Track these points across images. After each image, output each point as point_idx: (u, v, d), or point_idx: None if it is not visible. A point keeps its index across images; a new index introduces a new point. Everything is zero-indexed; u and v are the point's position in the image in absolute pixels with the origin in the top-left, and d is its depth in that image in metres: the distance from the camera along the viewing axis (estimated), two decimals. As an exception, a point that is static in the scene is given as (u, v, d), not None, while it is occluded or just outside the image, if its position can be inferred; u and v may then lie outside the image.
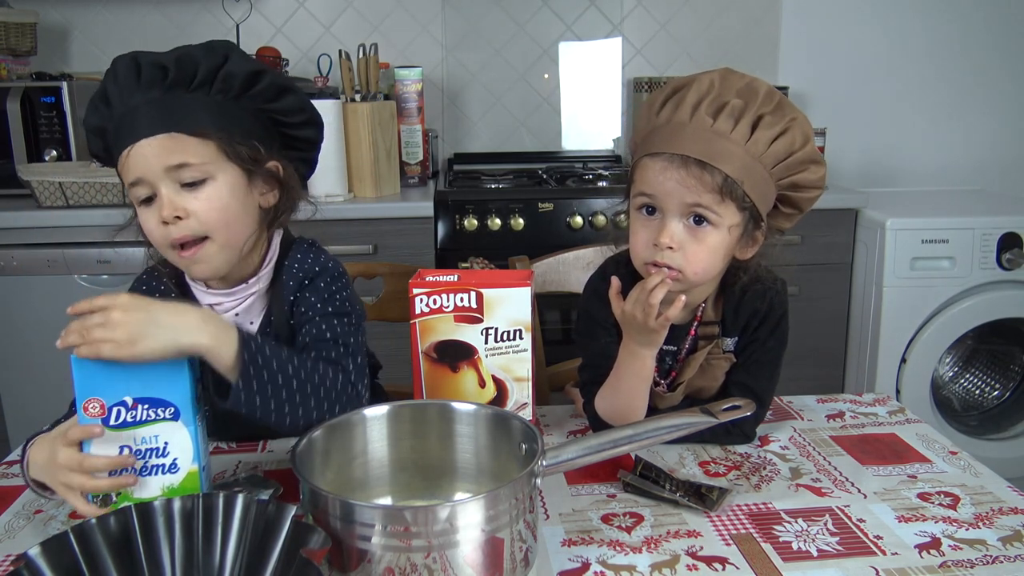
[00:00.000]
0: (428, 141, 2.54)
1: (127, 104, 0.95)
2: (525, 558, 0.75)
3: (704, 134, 0.97)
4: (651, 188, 1.00)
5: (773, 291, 1.09)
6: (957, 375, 2.54)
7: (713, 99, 0.99)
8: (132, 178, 0.96)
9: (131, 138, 0.94)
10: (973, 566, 0.80)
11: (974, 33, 2.83)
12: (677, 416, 0.88)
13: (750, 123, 0.98)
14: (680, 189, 0.97)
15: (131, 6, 2.66)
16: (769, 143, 0.98)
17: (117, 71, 0.96)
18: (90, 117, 0.99)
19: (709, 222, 0.98)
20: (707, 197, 0.97)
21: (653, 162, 1.00)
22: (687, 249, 0.99)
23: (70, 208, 2.14)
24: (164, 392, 0.81)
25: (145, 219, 0.98)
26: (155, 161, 0.94)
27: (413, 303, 1.01)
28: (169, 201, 0.95)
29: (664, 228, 0.99)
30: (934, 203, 2.54)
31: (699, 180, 0.96)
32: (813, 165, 1.02)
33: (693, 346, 1.10)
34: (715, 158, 0.96)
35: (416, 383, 1.04)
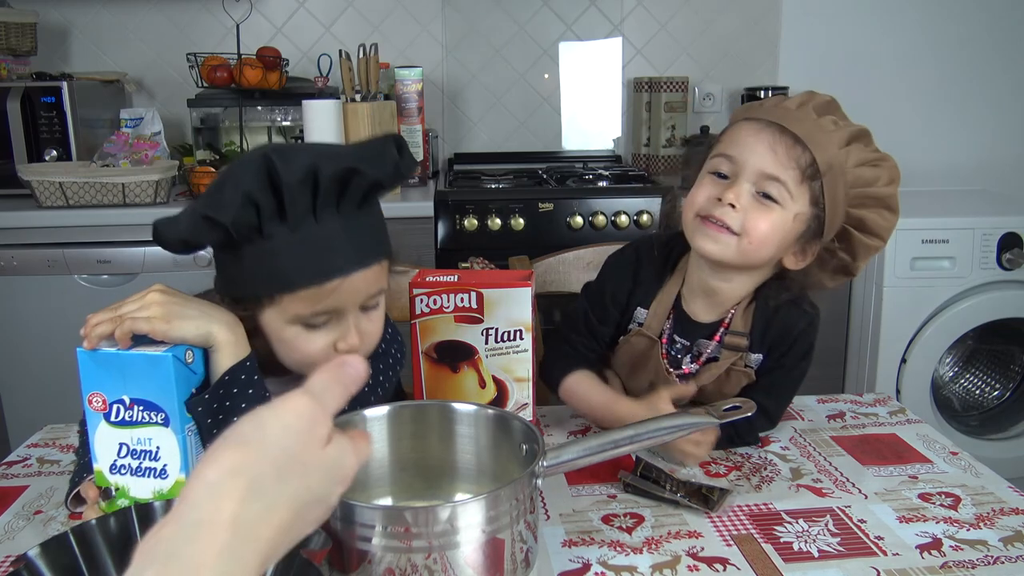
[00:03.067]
0: (428, 141, 2.54)
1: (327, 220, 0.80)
2: (526, 559, 0.75)
3: (805, 119, 0.98)
4: (734, 147, 0.99)
5: (809, 317, 1.07)
6: (957, 375, 2.54)
7: (820, 105, 1.00)
8: (326, 308, 0.84)
9: (342, 269, 0.82)
10: (974, 566, 0.80)
11: (974, 33, 2.83)
12: (678, 416, 0.88)
13: (848, 136, 0.99)
14: (768, 153, 0.97)
15: (131, 6, 2.65)
16: (859, 163, 0.98)
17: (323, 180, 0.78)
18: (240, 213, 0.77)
19: (777, 200, 0.97)
20: (789, 171, 0.96)
21: (749, 124, 1.00)
22: (750, 214, 0.98)
23: (70, 208, 2.14)
24: (156, 397, 0.80)
25: (306, 343, 0.87)
26: (362, 292, 0.86)
27: (413, 303, 1.01)
28: (355, 331, 0.87)
29: (733, 187, 0.98)
30: (934, 203, 2.54)
31: (788, 150, 0.96)
32: (888, 211, 1.02)
33: (715, 353, 1.08)
34: (810, 140, 0.96)
35: (416, 383, 1.04)
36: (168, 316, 0.80)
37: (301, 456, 0.46)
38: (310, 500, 0.47)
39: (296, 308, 0.84)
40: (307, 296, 0.83)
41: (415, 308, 1.01)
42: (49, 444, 1.12)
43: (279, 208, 0.79)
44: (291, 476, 0.45)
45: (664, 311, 1.09)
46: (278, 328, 0.87)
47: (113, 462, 0.83)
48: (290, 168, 0.76)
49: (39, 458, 1.08)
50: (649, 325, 1.10)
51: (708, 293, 1.07)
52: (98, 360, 0.80)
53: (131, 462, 0.83)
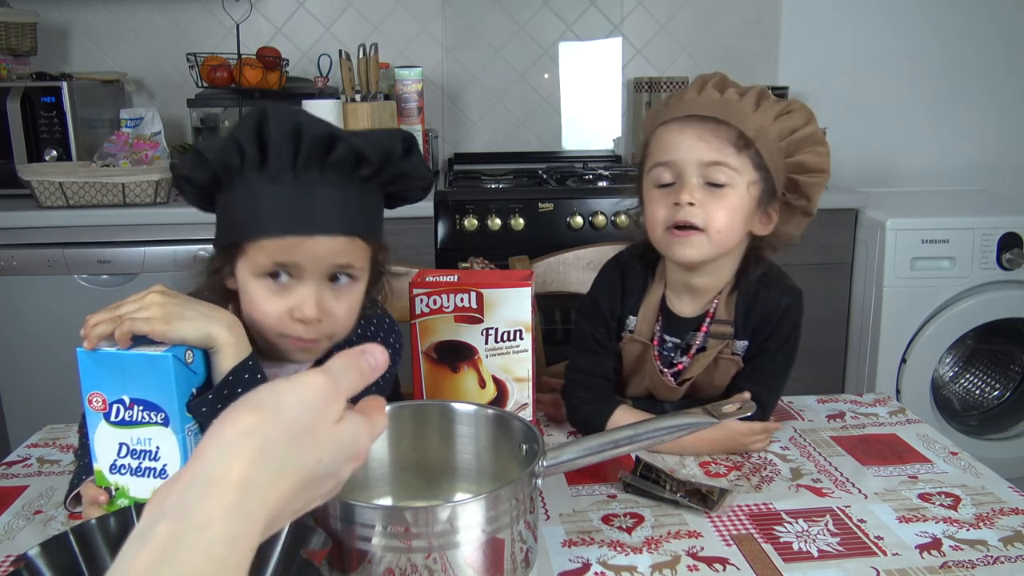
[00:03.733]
0: (428, 141, 2.54)
1: (306, 180, 0.84)
2: (526, 559, 0.75)
3: (715, 101, 1.02)
4: (668, 152, 1.02)
5: (789, 298, 1.08)
6: (957, 375, 2.54)
7: (717, 81, 1.04)
8: (283, 261, 0.87)
9: (308, 228, 0.85)
10: (974, 566, 0.80)
11: (974, 33, 2.83)
12: (678, 416, 0.88)
13: (755, 99, 1.02)
14: (698, 144, 1.00)
15: (131, 6, 2.65)
16: (775, 117, 1.01)
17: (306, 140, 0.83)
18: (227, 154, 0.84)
19: (726, 183, 1.00)
20: (725, 150, 1.00)
21: (667, 127, 1.03)
22: (708, 206, 1.01)
23: (70, 208, 2.14)
24: (156, 397, 0.80)
25: (265, 299, 0.89)
26: (325, 259, 0.88)
27: (413, 303, 1.01)
28: (318, 303, 0.89)
29: (683, 188, 1.01)
30: (934, 203, 2.54)
31: (714, 134, 1.00)
32: (818, 146, 1.04)
33: (703, 344, 1.09)
34: (729, 116, 1.00)
35: (416, 383, 1.04)
36: (168, 317, 0.80)
37: (313, 428, 0.47)
38: (320, 472, 0.48)
39: (259, 257, 0.87)
40: (269, 246, 0.86)
41: (415, 308, 1.01)
42: (49, 444, 1.12)
43: (262, 158, 0.83)
44: (302, 445, 0.46)
45: (652, 315, 1.11)
46: (245, 281, 0.90)
47: (113, 462, 0.83)
48: (279, 122, 0.82)
49: (39, 458, 1.08)
50: (640, 331, 1.11)
51: (690, 290, 1.10)
52: (98, 360, 0.80)
53: (131, 462, 0.83)
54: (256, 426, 0.45)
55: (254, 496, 0.43)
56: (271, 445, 0.45)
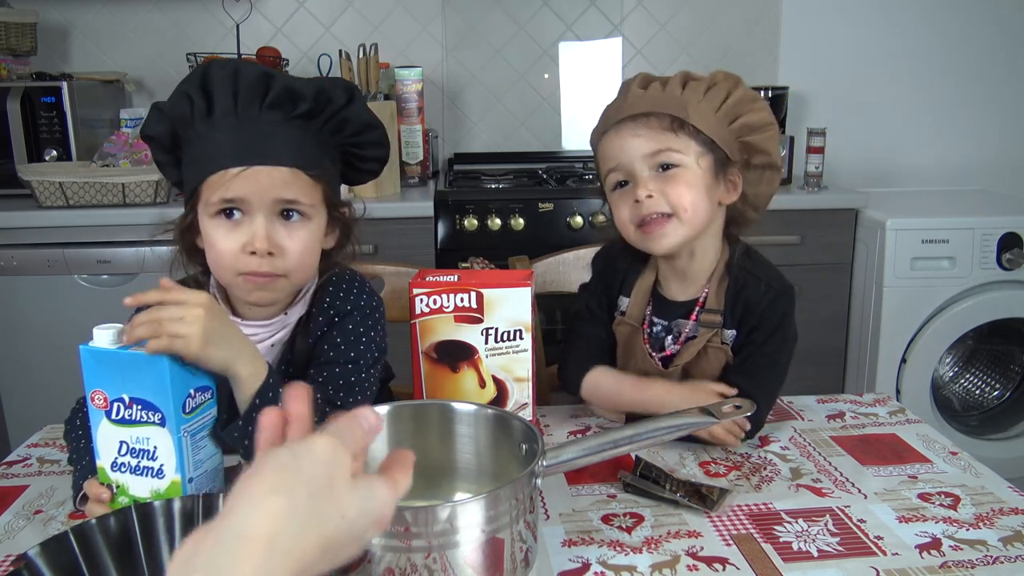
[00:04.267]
0: (428, 141, 2.54)
1: (248, 119, 0.91)
2: (525, 558, 0.75)
3: (641, 98, 1.07)
4: (613, 158, 1.08)
5: (776, 291, 1.09)
6: (957, 375, 2.54)
7: (640, 80, 1.10)
8: (230, 195, 0.92)
9: (249, 159, 0.91)
10: (974, 566, 0.80)
11: (974, 33, 2.83)
12: (677, 416, 0.88)
13: (679, 83, 1.07)
14: (636, 141, 1.05)
15: (131, 6, 2.66)
16: (703, 92, 1.06)
17: (242, 81, 0.91)
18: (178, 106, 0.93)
19: (675, 164, 1.05)
20: (662, 137, 1.04)
21: (606, 135, 1.09)
22: (666, 190, 1.05)
23: (70, 208, 2.14)
24: (153, 396, 0.80)
25: (220, 237, 0.94)
26: (268, 191, 0.92)
27: (413, 303, 1.01)
28: (268, 236, 0.93)
29: (637, 184, 1.06)
30: (934, 203, 2.54)
31: (647, 126, 1.05)
32: (754, 103, 1.08)
33: (693, 332, 1.11)
34: (656, 106, 1.05)
35: (416, 383, 1.04)
36: (204, 341, 0.80)
37: (331, 481, 0.50)
38: (344, 530, 0.50)
39: (210, 196, 0.93)
40: (216, 182, 0.91)
41: (415, 308, 1.01)
42: (49, 444, 1.12)
43: (208, 105, 0.91)
44: (324, 500, 0.49)
45: (643, 298, 1.15)
46: (204, 226, 0.95)
47: (114, 460, 0.84)
48: (219, 69, 0.91)
49: (39, 458, 1.08)
50: (631, 313, 1.15)
51: (679, 275, 1.13)
52: (99, 358, 0.81)
53: (131, 460, 0.83)
54: (280, 484, 0.48)
55: (280, 553, 0.45)
56: (296, 501, 0.47)
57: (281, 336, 1.03)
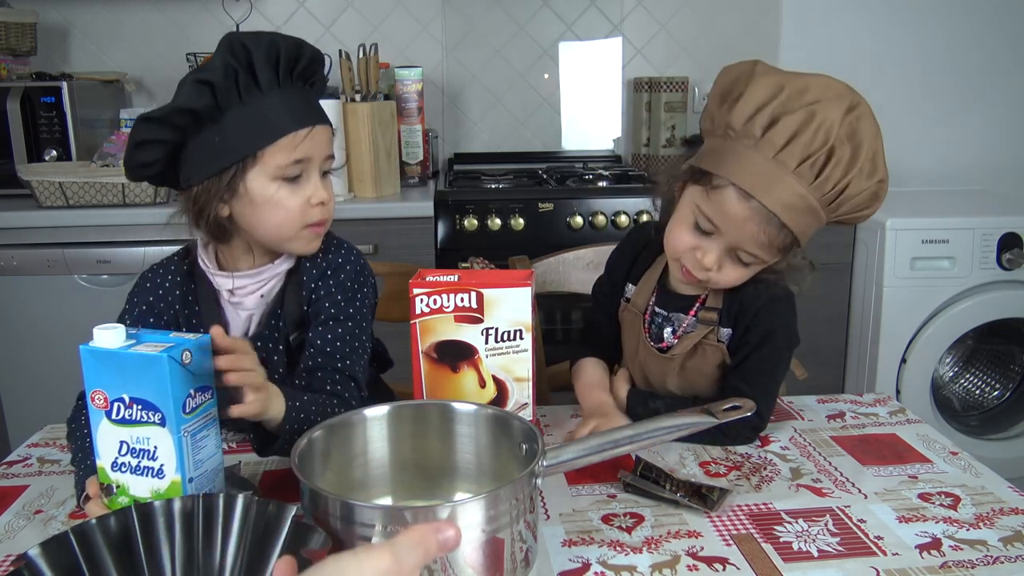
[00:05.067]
0: (428, 141, 2.54)
1: (291, 86, 1.01)
2: (525, 558, 0.75)
3: (791, 189, 0.96)
4: (721, 218, 1.00)
5: (771, 295, 1.08)
6: (957, 375, 2.54)
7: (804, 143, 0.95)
8: (299, 156, 1.02)
9: (312, 120, 1.02)
10: (974, 566, 0.80)
11: (974, 33, 2.83)
12: (677, 416, 0.88)
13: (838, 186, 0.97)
14: (750, 238, 1.00)
15: (131, 6, 2.66)
16: (851, 199, 0.98)
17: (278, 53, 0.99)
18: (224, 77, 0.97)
19: (751, 263, 1.04)
20: (768, 251, 1.01)
21: (740, 203, 0.98)
22: (724, 269, 1.05)
23: (70, 208, 2.14)
24: (153, 396, 0.80)
25: (286, 196, 1.03)
26: (324, 148, 1.05)
27: (413, 303, 1.01)
28: (324, 186, 1.06)
29: (710, 253, 1.04)
30: (934, 203, 2.54)
31: (771, 239, 0.99)
32: (868, 210, 1.02)
33: (691, 328, 1.13)
34: (794, 220, 0.98)
35: (416, 383, 1.04)
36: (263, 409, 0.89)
37: None
38: None
39: (276, 160, 1.01)
40: (285, 145, 1.00)
41: (415, 308, 1.01)
42: (49, 444, 1.12)
43: (251, 76, 0.98)
44: None
45: (649, 288, 1.16)
46: (262, 188, 1.02)
47: (114, 459, 0.84)
48: (256, 43, 0.98)
49: (39, 458, 1.08)
50: (635, 301, 1.17)
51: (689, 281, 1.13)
52: (99, 358, 0.80)
53: (131, 460, 0.83)
54: None
55: None
56: None
57: (271, 287, 1.09)
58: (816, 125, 0.95)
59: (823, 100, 0.97)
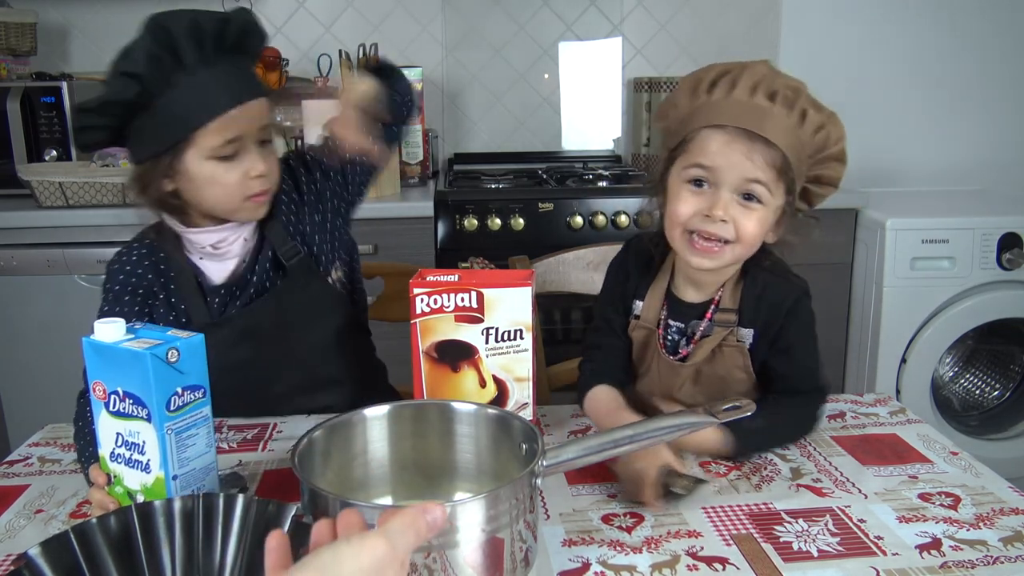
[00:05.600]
0: (428, 141, 2.54)
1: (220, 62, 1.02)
2: (525, 558, 0.75)
3: (764, 113, 0.99)
4: (712, 159, 1.00)
5: (798, 291, 1.08)
6: (957, 375, 2.54)
7: (768, 85, 1.01)
8: (232, 135, 1.04)
9: (242, 96, 1.04)
10: (974, 566, 0.80)
11: (974, 33, 2.83)
12: (678, 416, 0.88)
13: (800, 111, 1.01)
14: (744, 163, 0.99)
15: (131, 6, 2.64)
16: (813, 132, 1.01)
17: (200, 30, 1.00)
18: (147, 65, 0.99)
19: (759, 200, 1.00)
20: (767, 172, 0.99)
21: (715, 134, 1.00)
22: (739, 222, 1.00)
23: (70, 208, 2.14)
24: (140, 392, 0.80)
25: (223, 173, 1.06)
26: (257, 120, 1.07)
27: (414, 303, 1.01)
28: (261, 158, 1.08)
29: (718, 200, 1.00)
30: (934, 203, 2.54)
31: (763, 155, 0.98)
32: (838, 163, 1.05)
33: (708, 331, 1.09)
34: (777, 137, 0.99)
35: (416, 383, 1.04)
36: None
37: None
38: None
39: (210, 141, 1.04)
40: (216, 127, 1.03)
41: (415, 307, 1.01)
42: (50, 443, 1.12)
43: (176, 60, 0.99)
44: None
45: (658, 301, 1.13)
46: (198, 168, 1.05)
47: (112, 450, 0.84)
48: (177, 24, 0.99)
49: (40, 457, 1.08)
50: (646, 316, 1.13)
51: (695, 282, 1.11)
52: (98, 350, 0.81)
53: (125, 452, 0.83)
54: None
55: None
56: None
57: (250, 227, 1.16)
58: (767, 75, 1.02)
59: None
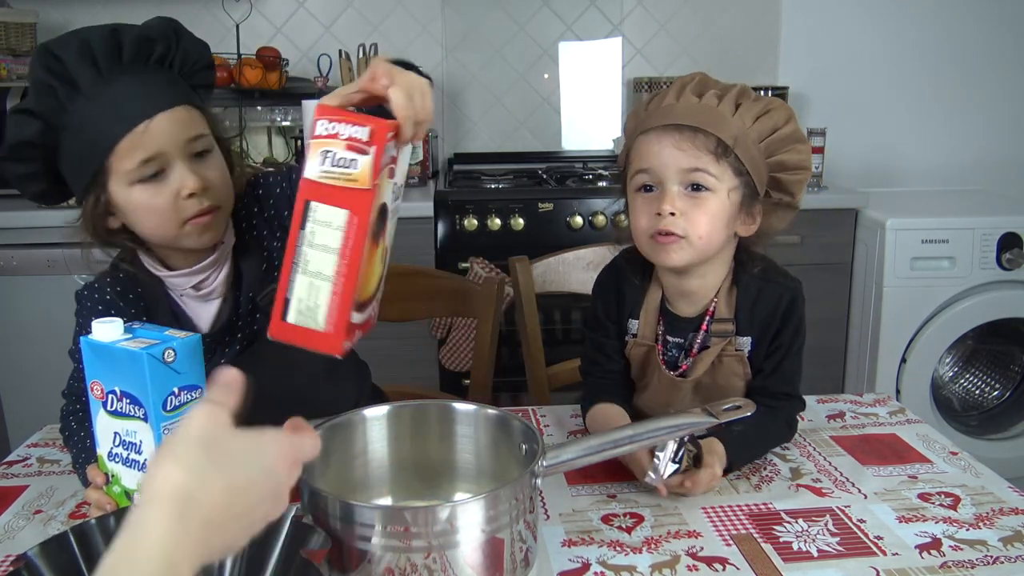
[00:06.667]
0: (428, 141, 2.54)
1: (120, 78, 0.92)
2: (525, 558, 0.75)
3: (693, 107, 1.02)
4: (647, 161, 1.03)
5: (791, 292, 1.08)
6: (957, 375, 2.54)
7: (695, 86, 1.04)
8: (148, 153, 0.92)
9: (150, 110, 0.92)
10: (974, 566, 0.80)
11: (974, 33, 2.83)
12: (677, 416, 0.88)
13: (734, 102, 1.02)
14: (676, 154, 1.00)
15: (131, 6, 2.64)
16: (754, 119, 1.02)
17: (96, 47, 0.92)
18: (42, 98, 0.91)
19: (707, 188, 1.01)
20: (704, 158, 1.00)
21: (647, 137, 1.03)
22: (689, 214, 1.01)
23: (70, 208, 2.13)
24: (137, 391, 0.80)
25: (150, 197, 0.95)
26: (178, 133, 0.94)
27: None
28: (191, 174, 0.95)
29: (664, 196, 1.01)
30: (934, 203, 2.54)
31: (693, 143, 1.00)
32: (798, 144, 1.04)
33: (705, 343, 1.08)
34: (707, 124, 1.00)
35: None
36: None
37: (215, 437, 0.55)
38: (241, 474, 0.54)
39: (125, 164, 0.93)
40: (126, 149, 0.92)
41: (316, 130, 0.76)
42: (49, 444, 1.12)
43: (71, 86, 0.91)
44: (214, 452, 0.54)
45: (653, 317, 1.11)
46: (126, 196, 0.95)
47: (110, 450, 0.84)
48: (66, 48, 0.91)
49: (39, 458, 1.08)
50: (643, 334, 1.11)
51: (684, 293, 1.10)
52: (95, 350, 0.81)
53: (122, 452, 0.84)
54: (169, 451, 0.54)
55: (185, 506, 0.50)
56: (188, 456, 0.53)
57: (227, 263, 1.06)
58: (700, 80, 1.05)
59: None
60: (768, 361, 1.08)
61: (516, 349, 1.61)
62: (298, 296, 0.72)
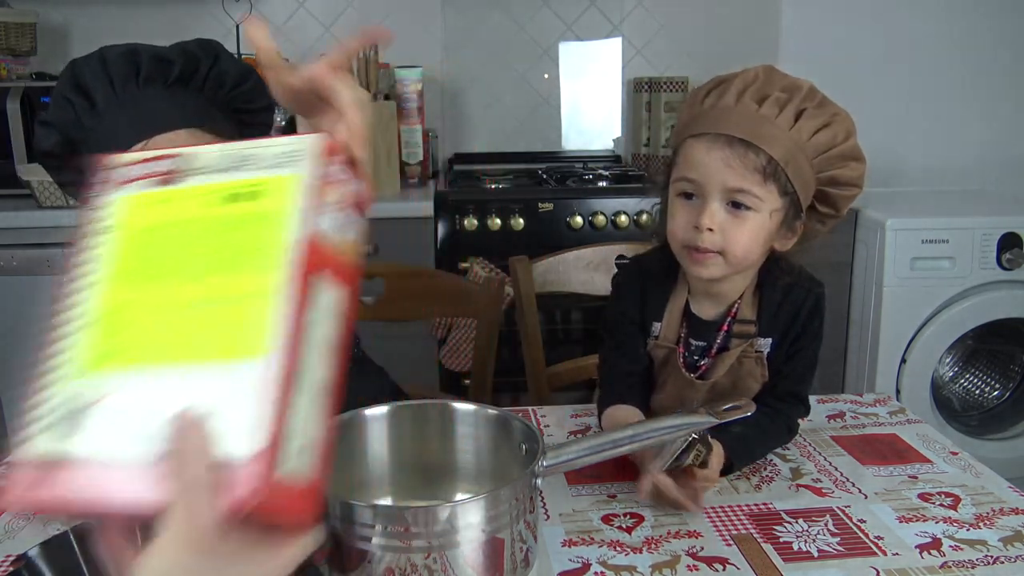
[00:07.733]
0: (428, 141, 2.54)
1: (131, 98, 0.93)
2: (525, 558, 0.75)
3: (749, 117, 0.97)
4: (694, 171, 1.00)
5: (816, 295, 1.07)
6: (957, 375, 2.54)
7: (758, 88, 1.00)
8: None
9: (147, 132, 0.92)
10: (974, 566, 0.80)
11: (974, 33, 2.83)
12: (677, 416, 0.88)
13: (794, 112, 0.99)
14: (724, 169, 0.97)
15: (131, 6, 2.65)
16: (812, 133, 0.99)
17: (112, 65, 0.93)
18: (60, 111, 0.93)
19: (749, 207, 0.98)
20: (750, 178, 0.97)
21: (697, 142, 1.00)
22: (728, 232, 0.98)
23: (70, 208, 2.14)
24: None
25: None
26: None
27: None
28: None
29: (705, 210, 0.99)
30: (934, 203, 2.54)
31: (743, 160, 0.96)
32: (854, 162, 1.02)
33: (725, 344, 1.07)
34: (760, 139, 0.96)
35: None
36: None
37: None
38: None
39: None
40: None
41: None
42: (49, 444, 1.12)
43: (88, 101, 0.92)
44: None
45: (676, 319, 1.10)
46: None
47: None
48: (85, 64, 0.92)
49: (39, 458, 1.08)
50: (665, 336, 1.10)
51: (711, 295, 1.08)
52: None
53: None
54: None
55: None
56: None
57: None
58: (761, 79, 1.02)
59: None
60: (787, 364, 1.07)
61: (516, 349, 1.60)
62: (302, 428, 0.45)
